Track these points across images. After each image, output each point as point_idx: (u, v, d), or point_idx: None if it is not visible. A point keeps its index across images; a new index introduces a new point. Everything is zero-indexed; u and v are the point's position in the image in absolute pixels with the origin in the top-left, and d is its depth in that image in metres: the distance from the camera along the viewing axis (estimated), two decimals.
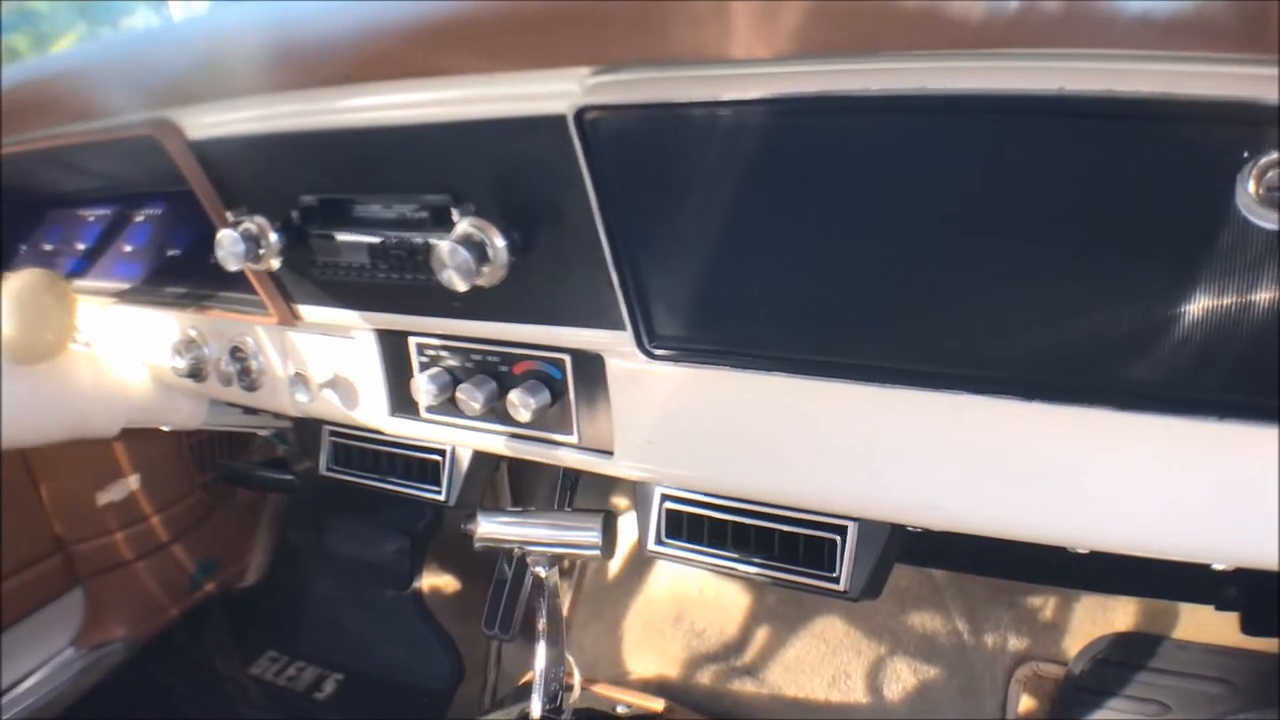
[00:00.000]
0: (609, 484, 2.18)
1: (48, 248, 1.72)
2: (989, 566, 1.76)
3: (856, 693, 1.86)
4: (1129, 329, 0.74)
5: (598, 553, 1.30)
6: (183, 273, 1.43)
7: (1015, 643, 1.84)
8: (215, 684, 2.26)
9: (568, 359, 1.14)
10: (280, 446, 2.08)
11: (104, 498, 2.25)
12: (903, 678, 1.86)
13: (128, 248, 1.53)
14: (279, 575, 2.55)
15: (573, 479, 1.67)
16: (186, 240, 1.44)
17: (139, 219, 1.54)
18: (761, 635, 1.96)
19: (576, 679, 1.44)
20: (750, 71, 0.77)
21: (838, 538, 1.10)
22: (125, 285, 1.51)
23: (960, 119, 0.72)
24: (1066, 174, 0.70)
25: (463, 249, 0.94)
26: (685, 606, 2.03)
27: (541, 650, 1.40)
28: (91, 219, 1.65)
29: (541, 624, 1.40)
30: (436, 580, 2.36)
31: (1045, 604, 1.84)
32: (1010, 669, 1.84)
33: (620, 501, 2.16)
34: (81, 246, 1.64)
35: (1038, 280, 0.76)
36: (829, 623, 1.93)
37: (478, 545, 1.34)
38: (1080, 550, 0.91)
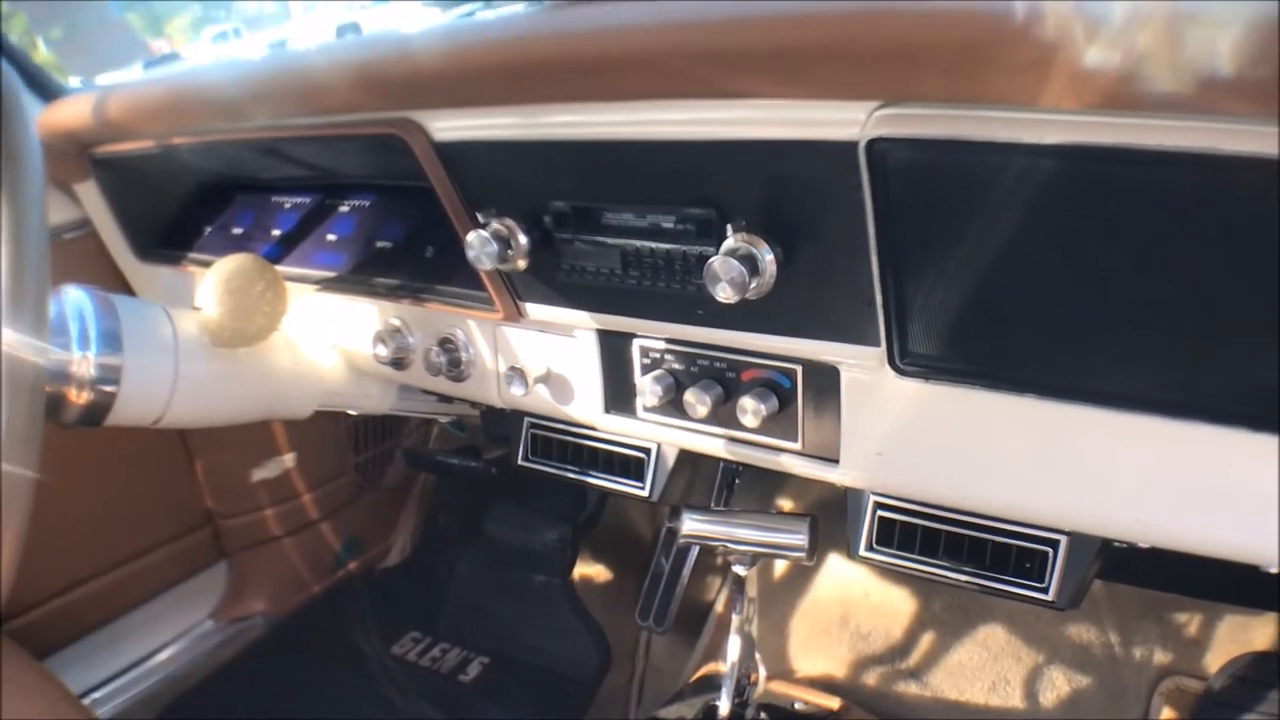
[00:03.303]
0: (771, 484, 2.25)
1: (236, 231, 1.81)
2: (1168, 582, 1.81)
3: (1015, 699, 1.92)
4: None
5: (803, 555, 1.37)
6: (395, 265, 1.50)
7: (1161, 657, 1.89)
8: (356, 662, 2.34)
9: (799, 369, 1.20)
10: (456, 433, 2.17)
11: (258, 474, 2.35)
12: (1057, 685, 1.92)
13: (331, 237, 1.61)
14: (424, 557, 2.64)
15: (730, 478, 1.74)
16: (399, 233, 1.52)
17: (344, 209, 1.62)
18: (926, 640, 2.02)
19: (761, 675, 1.51)
20: (1051, 118, 0.83)
21: (1049, 550, 1.16)
22: (329, 274, 1.59)
23: (1239, 177, 0.78)
24: None
25: (737, 262, 1.01)
26: (851, 609, 2.10)
27: (735, 645, 1.47)
28: (288, 206, 1.73)
29: (735, 620, 1.47)
30: (587, 569, 2.44)
31: (1191, 620, 1.89)
32: (1154, 682, 1.88)
33: (784, 503, 2.23)
34: (276, 233, 1.72)
35: None
36: (991, 630, 1.99)
37: (681, 542, 1.41)
38: (1272, 570, 0.98)
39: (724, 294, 1.03)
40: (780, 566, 2.23)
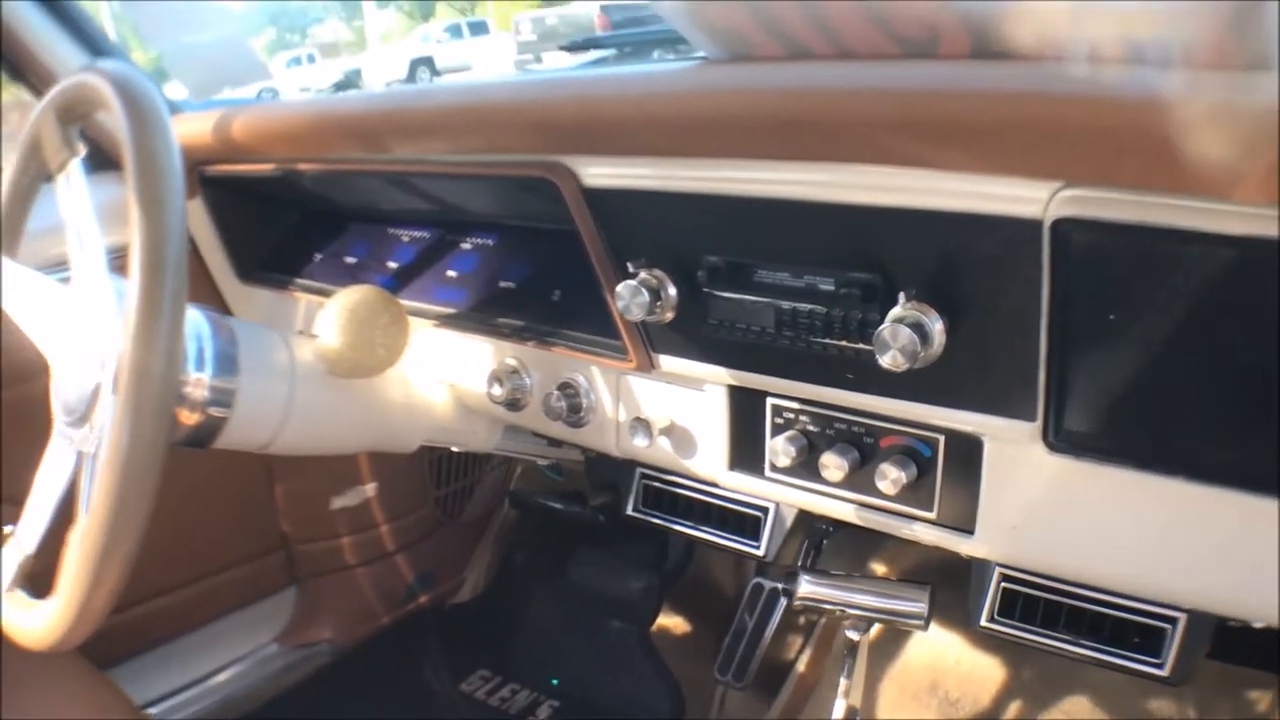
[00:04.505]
0: (861, 546, 2.24)
1: (350, 260, 1.82)
2: (1264, 659, 1.81)
3: None
4: None
5: (921, 623, 1.37)
6: (519, 306, 1.50)
7: None
8: (423, 696, 2.34)
9: (942, 439, 1.20)
10: (554, 477, 2.17)
11: (338, 502, 2.36)
12: None
13: (451, 273, 1.62)
14: (498, 594, 2.63)
15: (819, 539, 1.74)
16: (523, 274, 1.52)
17: (466, 246, 1.63)
18: (1014, 709, 2.01)
19: None
20: (1241, 209, 0.83)
21: (1169, 627, 1.16)
22: (448, 310, 1.59)
23: None
24: None
25: (909, 330, 1.01)
26: (941, 675, 2.09)
27: (839, 708, 1.47)
28: (405, 239, 1.74)
29: (843, 684, 1.48)
30: (664, 618, 2.43)
31: (1262, 698, 1.90)
32: None
33: (877, 567, 2.22)
34: (393, 265, 1.73)
35: None
36: (1076, 702, 1.98)
37: (796, 604, 1.41)
38: None
39: (893, 361, 1.03)
40: (871, 629, 2.23)
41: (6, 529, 1.33)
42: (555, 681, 2.40)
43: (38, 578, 1.26)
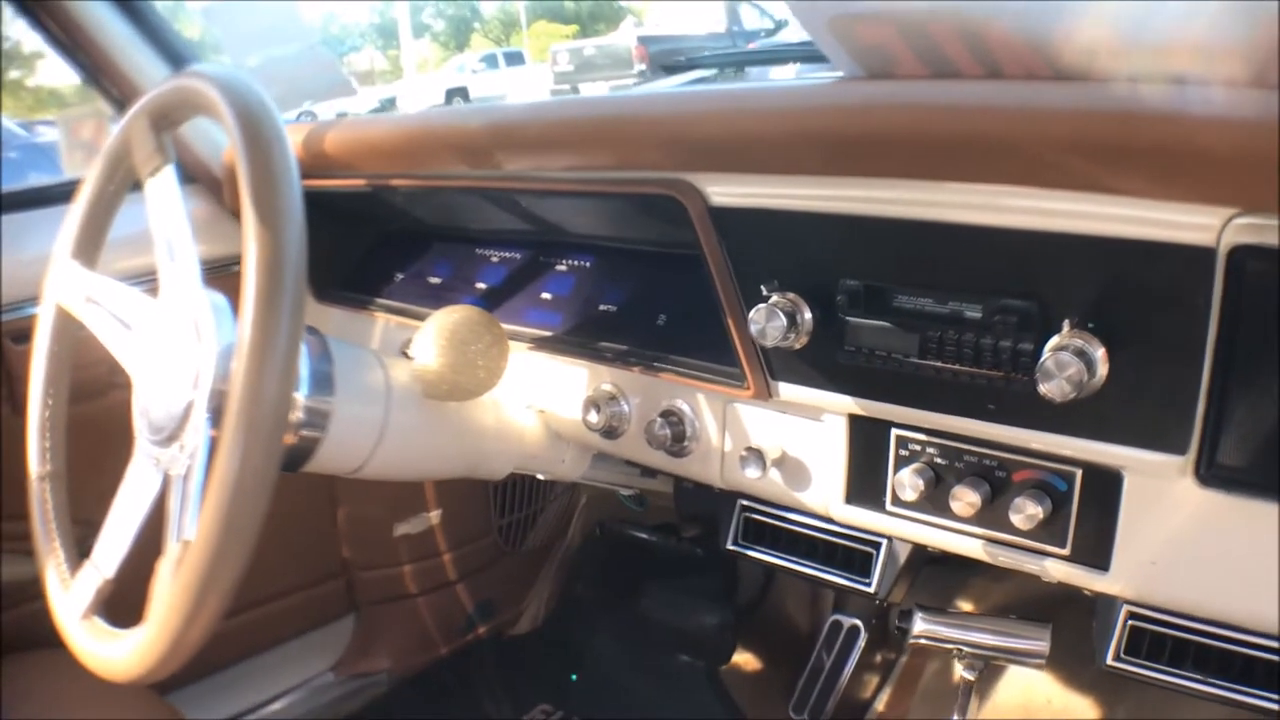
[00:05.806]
0: (954, 578, 2.21)
1: (434, 280, 1.80)
2: None
3: None
4: None
5: (1041, 662, 1.35)
6: (621, 330, 1.49)
7: None
8: None
9: (1079, 472, 1.17)
10: (635, 508, 2.14)
11: (401, 529, 2.34)
12: None
13: (546, 295, 1.60)
14: (559, 626, 2.61)
15: (912, 574, 1.71)
16: (624, 297, 1.50)
17: (561, 268, 1.61)
18: None
19: None
20: None
21: None
22: (545, 333, 1.58)
23: None
24: None
25: (1078, 360, 0.99)
26: (1033, 713, 2.06)
27: None
28: (495, 259, 1.72)
29: None
30: (734, 654, 2.40)
31: None
32: None
33: (963, 604, 2.19)
34: (481, 285, 1.72)
35: None
36: None
37: (911, 642, 1.38)
38: None
39: (1059, 391, 1.00)
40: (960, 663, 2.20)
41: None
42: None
43: (114, 604, 1.22)
